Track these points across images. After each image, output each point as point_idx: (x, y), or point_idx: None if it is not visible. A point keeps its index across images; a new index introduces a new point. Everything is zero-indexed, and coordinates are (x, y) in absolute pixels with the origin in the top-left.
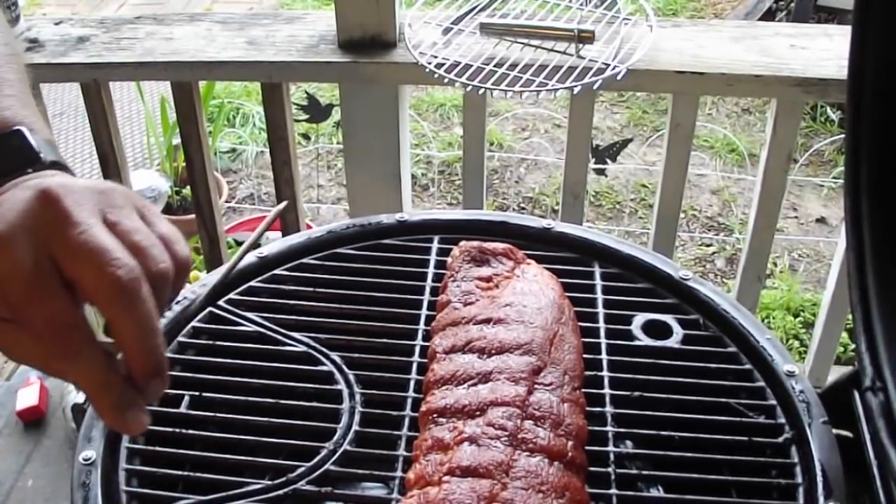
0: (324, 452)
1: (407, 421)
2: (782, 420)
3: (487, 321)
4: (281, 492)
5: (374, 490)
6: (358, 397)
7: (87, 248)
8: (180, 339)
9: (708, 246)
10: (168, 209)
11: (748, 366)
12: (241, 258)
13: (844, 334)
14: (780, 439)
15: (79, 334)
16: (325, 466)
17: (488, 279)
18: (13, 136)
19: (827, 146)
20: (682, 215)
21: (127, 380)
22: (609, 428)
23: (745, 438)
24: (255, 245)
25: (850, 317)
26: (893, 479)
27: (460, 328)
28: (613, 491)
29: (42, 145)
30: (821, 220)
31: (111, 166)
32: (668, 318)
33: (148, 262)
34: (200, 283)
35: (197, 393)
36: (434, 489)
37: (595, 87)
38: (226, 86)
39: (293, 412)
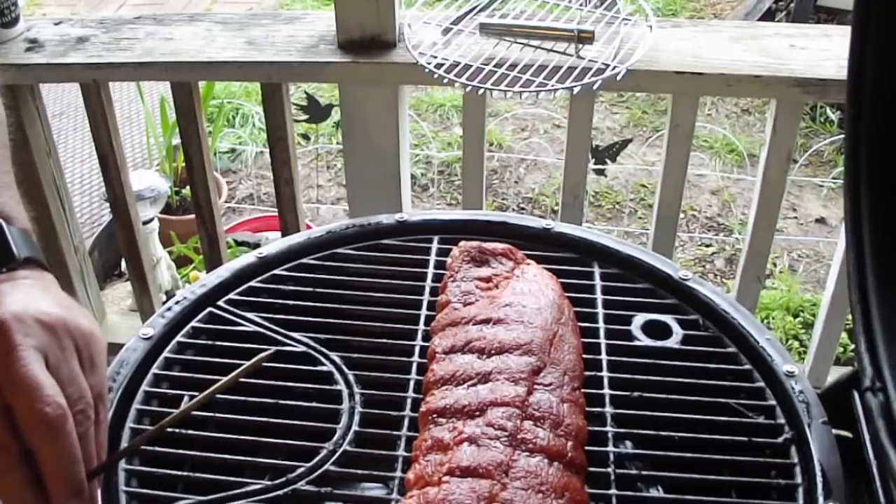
0: (323, 453)
1: (406, 421)
2: (782, 420)
3: (487, 321)
4: (281, 492)
5: (374, 490)
6: (357, 397)
7: (25, 383)
8: (180, 339)
9: (707, 246)
10: (168, 209)
11: (748, 366)
12: (208, 396)
13: (844, 334)
14: (780, 440)
15: (7, 456)
16: (325, 467)
17: (488, 279)
18: None
19: (827, 146)
20: (681, 215)
21: (44, 498)
22: (609, 428)
23: (745, 439)
24: (217, 392)
25: (849, 317)
26: (893, 480)
27: (460, 328)
28: (613, 491)
29: (18, 240)
30: (820, 221)
31: (111, 166)
32: (668, 319)
33: (75, 404)
34: (199, 283)
35: (197, 393)
36: (434, 489)
37: (595, 87)
38: (226, 86)
39: (293, 412)
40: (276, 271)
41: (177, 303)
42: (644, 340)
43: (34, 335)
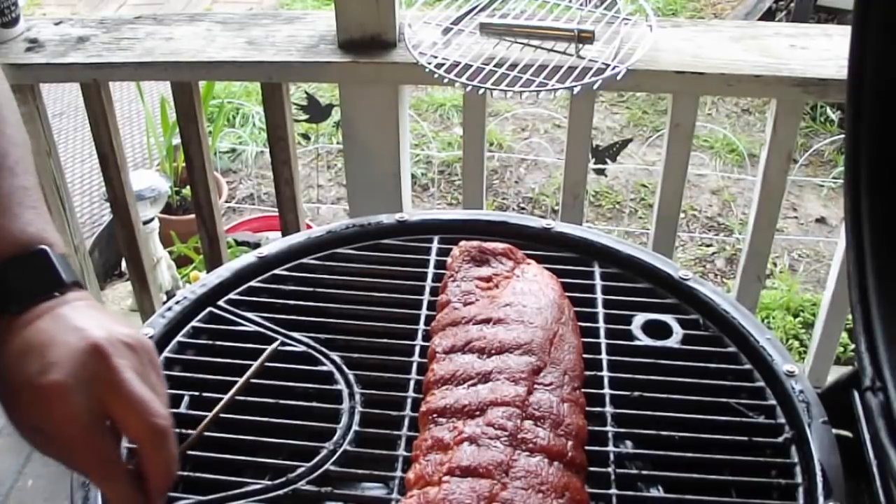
0: (324, 452)
1: (407, 421)
2: (782, 420)
3: (487, 321)
4: (281, 492)
5: (374, 490)
6: (358, 397)
7: (134, 400)
8: (180, 339)
9: (708, 246)
10: (168, 209)
11: (748, 366)
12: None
13: (844, 334)
14: (780, 439)
15: (116, 468)
16: (325, 466)
17: (488, 279)
18: (38, 257)
19: (827, 146)
20: (681, 215)
21: (141, 490)
22: (609, 428)
23: (745, 438)
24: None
25: (849, 317)
26: (893, 479)
27: (460, 328)
28: (613, 491)
29: (62, 265)
30: (821, 220)
31: (111, 166)
32: (668, 318)
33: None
34: (199, 283)
35: (197, 393)
36: (434, 489)
37: (595, 87)
38: (226, 86)
39: (293, 412)
40: (277, 271)
41: (177, 303)
42: (644, 340)
43: (124, 355)
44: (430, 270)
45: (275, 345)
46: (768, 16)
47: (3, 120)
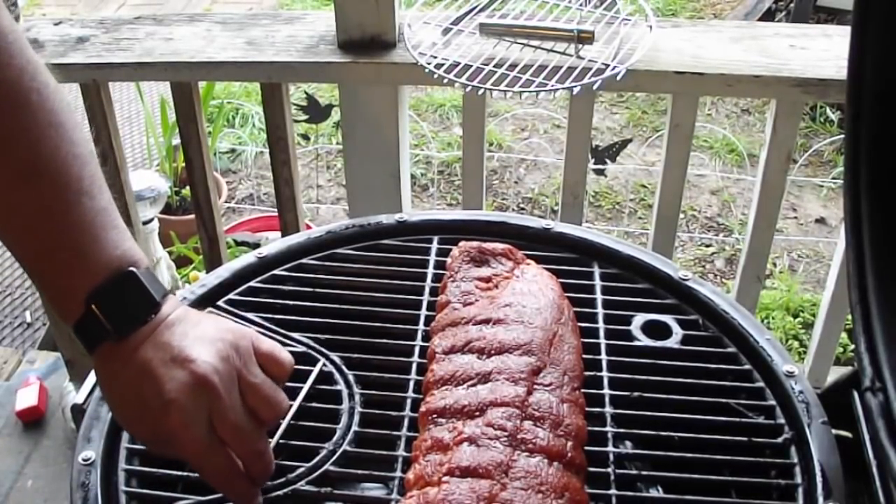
0: (323, 453)
1: (406, 421)
2: (782, 420)
3: (487, 321)
4: (281, 492)
5: (374, 490)
6: (357, 398)
7: (234, 429)
8: None
9: (707, 246)
10: (167, 209)
11: (748, 366)
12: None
13: (844, 334)
14: (780, 440)
15: (234, 475)
16: (325, 467)
17: (488, 279)
18: (128, 280)
19: (826, 146)
20: (681, 216)
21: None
22: (608, 428)
23: (745, 439)
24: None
25: (849, 317)
26: (893, 480)
27: (460, 328)
28: (613, 491)
29: (151, 283)
30: (820, 221)
31: (111, 166)
32: (668, 319)
33: (269, 414)
34: (199, 283)
35: None
36: (433, 489)
37: (595, 87)
38: (225, 86)
39: (292, 412)
40: (276, 271)
41: (182, 300)
42: (644, 340)
43: (229, 379)
44: (430, 271)
45: (319, 365)
46: (768, 16)
47: (71, 141)
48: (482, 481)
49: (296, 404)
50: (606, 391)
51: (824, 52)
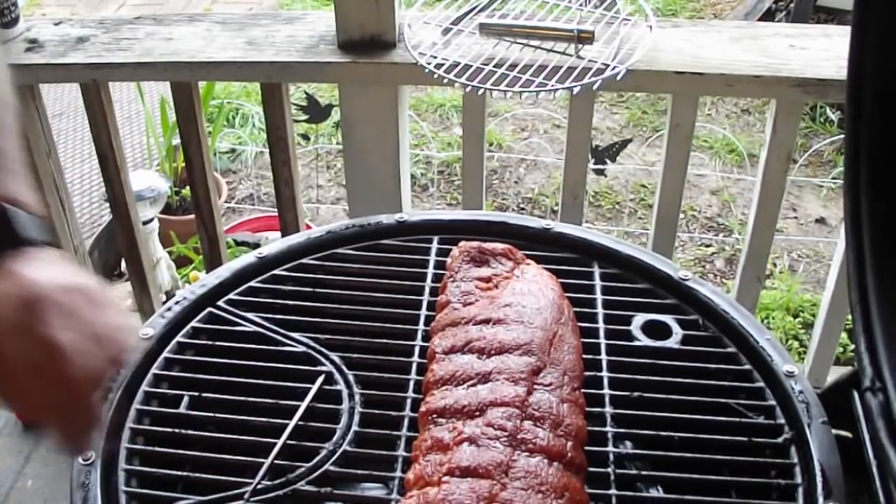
0: (323, 453)
1: (406, 421)
2: (782, 420)
3: (487, 321)
4: (281, 492)
5: (374, 490)
6: (357, 398)
7: (55, 349)
8: (180, 339)
9: (707, 246)
10: (167, 209)
11: (748, 366)
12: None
13: (844, 334)
14: (780, 440)
15: (55, 410)
16: (325, 467)
17: (488, 279)
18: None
19: (826, 146)
20: (681, 216)
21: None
22: (608, 428)
23: (745, 439)
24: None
25: (849, 317)
26: (893, 480)
27: (460, 328)
28: (613, 491)
29: (25, 223)
30: (820, 221)
31: (111, 166)
32: (668, 319)
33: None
34: (199, 283)
35: (197, 393)
36: (433, 489)
37: (595, 87)
38: (225, 86)
39: (293, 412)
40: (276, 271)
41: (177, 303)
42: (644, 340)
43: (57, 303)
44: (430, 271)
45: (320, 380)
46: (768, 16)
47: None
48: (482, 481)
49: (303, 406)
50: (606, 391)
51: (824, 52)
